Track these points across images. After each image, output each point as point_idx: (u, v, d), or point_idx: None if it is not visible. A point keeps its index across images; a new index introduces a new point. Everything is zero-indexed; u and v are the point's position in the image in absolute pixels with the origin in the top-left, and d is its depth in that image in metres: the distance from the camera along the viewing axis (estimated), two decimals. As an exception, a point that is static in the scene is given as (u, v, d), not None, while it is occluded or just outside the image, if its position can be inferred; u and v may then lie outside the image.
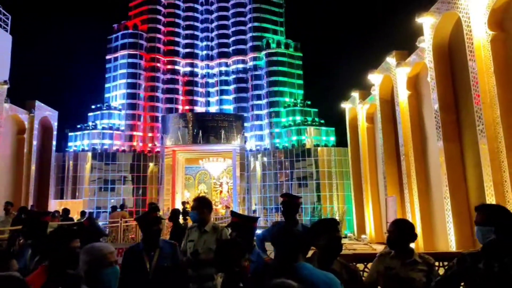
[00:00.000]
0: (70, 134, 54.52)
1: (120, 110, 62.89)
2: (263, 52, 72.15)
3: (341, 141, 56.50)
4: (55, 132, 33.15)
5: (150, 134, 65.28)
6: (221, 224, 5.91)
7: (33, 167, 27.75)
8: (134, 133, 62.93)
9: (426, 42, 15.64)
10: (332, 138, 61.59)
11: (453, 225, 13.90)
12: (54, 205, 31.62)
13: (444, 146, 14.67)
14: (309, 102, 67.94)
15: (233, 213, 5.14)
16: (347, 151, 30.68)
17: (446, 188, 14.44)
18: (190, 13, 75.97)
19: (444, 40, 15.17)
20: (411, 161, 17.70)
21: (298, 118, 64.53)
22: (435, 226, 16.48)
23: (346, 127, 29.13)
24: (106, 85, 68.38)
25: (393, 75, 19.15)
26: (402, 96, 18.40)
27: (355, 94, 26.37)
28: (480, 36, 12.18)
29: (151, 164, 53.70)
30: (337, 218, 30.52)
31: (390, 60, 19.14)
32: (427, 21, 15.30)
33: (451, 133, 14.76)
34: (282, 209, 5.50)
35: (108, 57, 69.71)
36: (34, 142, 28.15)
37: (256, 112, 70.40)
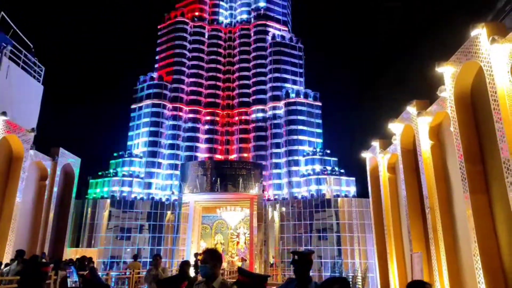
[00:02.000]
0: (91, 181, 55.39)
1: (141, 157, 64.08)
2: (283, 102, 73.56)
3: (362, 192, 55.15)
4: (76, 179, 33.63)
5: (169, 182, 65.75)
6: (230, 280, 5.49)
7: (51, 214, 27.88)
8: (153, 180, 63.48)
9: (447, 92, 15.40)
10: (353, 189, 60.23)
11: (485, 285, 12.76)
12: (70, 253, 31.30)
13: (471, 198, 13.88)
14: (328, 151, 67.61)
15: (240, 271, 4.74)
16: (369, 202, 29.61)
17: (475, 244, 13.45)
18: (213, 65, 79.08)
19: (466, 89, 14.90)
20: (437, 214, 16.78)
21: (317, 167, 63.92)
22: (465, 287, 15.20)
23: (367, 177, 28.34)
24: (130, 133, 70.42)
25: (415, 125, 18.80)
26: (425, 146, 17.89)
27: (375, 144, 25.92)
28: (503, 85, 11.88)
29: (168, 213, 53.34)
30: (359, 274, 28.78)
31: (411, 109, 18.89)
32: (447, 71, 15.16)
33: (478, 185, 14.01)
34: (293, 267, 5.15)
35: (133, 106, 72.45)
36: (55, 189, 28.53)
37: (274, 160, 70.29)
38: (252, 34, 79.35)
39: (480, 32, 12.86)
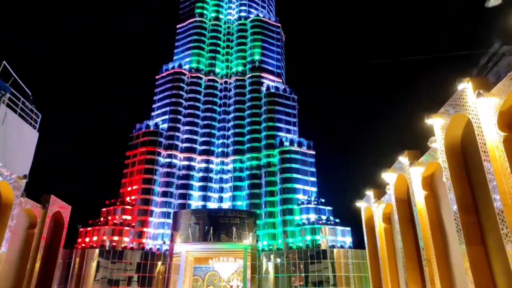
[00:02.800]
0: (80, 229, 53.95)
1: (133, 205, 63.09)
2: (277, 150, 74.20)
3: (358, 242, 54.10)
4: (65, 228, 32.78)
5: (160, 231, 64.23)
6: None
7: (37, 264, 26.84)
8: (145, 229, 62.00)
9: (438, 143, 15.74)
10: (348, 239, 59.14)
11: None
12: (53, 306, 29.77)
13: (467, 250, 13.72)
14: (323, 200, 67.18)
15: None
16: (365, 253, 28.99)
17: (476, 298, 13.10)
18: (209, 114, 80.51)
19: (456, 141, 15.25)
20: (434, 266, 16.45)
21: (312, 216, 63.17)
22: None
23: (363, 227, 27.99)
24: (123, 181, 69.89)
25: (407, 175, 18.95)
26: (419, 196, 17.93)
27: (369, 193, 25.91)
28: (492, 137, 12.21)
29: (159, 263, 51.52)
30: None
31: (403, 159, 19.14)
32: (437, 122, 15.60)
33: (474, 236, 13.90)
34: None
35: (128, 153, 72.66)
36: (43, 238, 27.69)
37: (269, 209, 69.45)
38: (247, 85, 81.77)
39: (466, 86, 13.43)
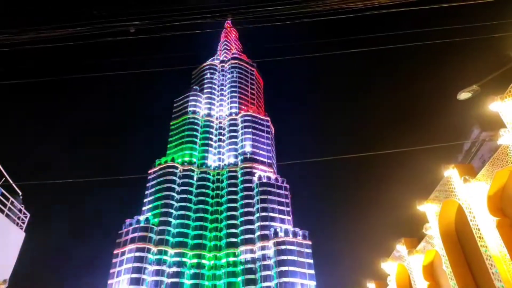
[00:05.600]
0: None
1: (119, 309, 58.51)
2: (271, 241, 71.93)
3: None
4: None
5: (149, 337, 58.63)
6: None
7: None
8: (131, 336, 56.63)
9: (433, 229, 15.57)
10: (353, 338, 54.44)
11: None
12: None
13: None
14: (323, 295, 63.41)
15: None
16: None
17: None
18: (201, 206, 79.67)
19: (450, 226, 15.12)
20: None
21: (313, 314, 58.91)
22: None
23: (367, 324, 25.98)
24: (108, 281, 65.65)
25: (407, 264, 18.34)
26: (421, 287, 17.12)
27: (371, 286, 24.64)
28: (485, 222, 12.18)
29: None
30: None
31: (401, 247, 18.69)
32: (429, 209, 15.62)
33: (486, 331, 12.98)
34: None
35: (115, 251, 69.53)
36: None
37: (266, 308, 64.76)
38: (239, 175, 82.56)
39: (452, 173, 13.79)
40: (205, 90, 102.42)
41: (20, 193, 30.67)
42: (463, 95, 12.31)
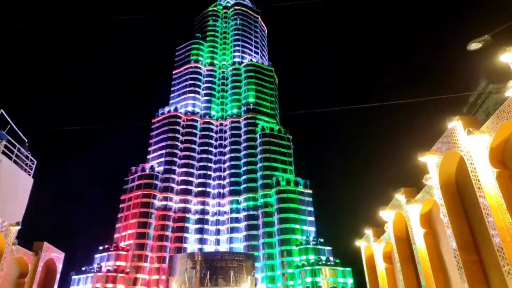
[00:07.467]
0: (74, 277, 52.21)
1: (127, 250, 61.39)
2: (273, 190, 73.74)
3: (360, 283, 52.63)
4: (58, 275, 31.70)
5: (155, 276, 62.04)
6: None
7: (26, 317, 25.67)
8: (139, 275, 59.94)
9: (433, 180, 15.83)
10: (350, 280, 57.46)
11: None
12: None
13: (471, 289, 13.41)
14: (322, 240, 65.91)
15: None
16: (367, 295, 28.13)
17: None
18: (204, 155, 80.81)
19: (451, 177, 15.37)
20: (438, 307, 16.00)
21: (312, 257, 61.62)
22: None
23: (363, 267, 27.39)
24: (117, 225, 68.55)
25: (405, 212, 18.88)
26: (418, 234, 17.76)
27: (368, 232, 25.60)
28: (485, 173, 12.36)
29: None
30: None
31: (400, 197, 19.14)
32: (430, 160, 15.78)
33: (475, 275, 13.65)
34: None
35: (123, 197, 71.75)
36: (35, 287, 26.71)
37: (267, 250, 67.83)
38: (242, 126, 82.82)
39: (456, 124, 13.76)
40: (208, 38, 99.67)
41: (26, 141, 31.05)
42: (474, 46, 11.97)
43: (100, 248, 60.95)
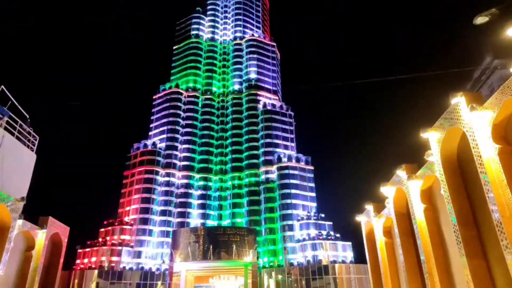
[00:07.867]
0: (79, 251, 53.37)
1: (132, 225, 62.52)
2: (275, 166, 74.16)
3: (359, 257, 53.72)
4: (64, 249, 32.46)
5: (159, 250, 63.47)
6: None
7: (35, 287, 26.48)
8: (144, 249, 61.30)
9: (434, 156, 15.87)
10: (350, 254, 58.60)
11: None
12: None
13: (468, 263, 13.69)
14: (323, 215, 66.80)
15: None
16: (367, 268, 28.77)
17: (479, 312, 13.02)
18: (206, 132, 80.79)
19: (452, 154, 15.40)
20: (436, 280, 16.37)
21: (313, 231, 62.68)
22: None
23: (363, 241, 27.88)
24: (121, 200, 69.50)
25: (406, 188, 19.03)
26: (418, 209, 17.96)
27: (369, 207, 25.90)
28: (487, 149, 12.37)
29: (158, 283, 50.95)
30: None
31: (401, 173, 19.25)
32: (432, 136, 15.76)
33: (474, 249, 13.90)
34: None
35: (126, 173, 72.38)
36: (41, 260, 27.40)
37: (269, 225, 68.95)
38: (244, 103, 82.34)
39: (459, 100, 13.67)
40: (208, 12, 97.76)
41: (28, 117, 30.96)
42: (480, 19, 11.74)
43: (105, 222, 62.01)
